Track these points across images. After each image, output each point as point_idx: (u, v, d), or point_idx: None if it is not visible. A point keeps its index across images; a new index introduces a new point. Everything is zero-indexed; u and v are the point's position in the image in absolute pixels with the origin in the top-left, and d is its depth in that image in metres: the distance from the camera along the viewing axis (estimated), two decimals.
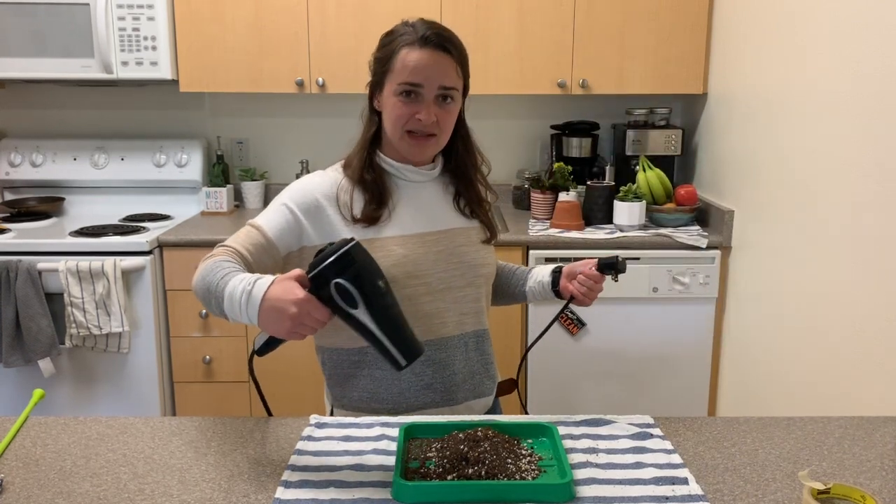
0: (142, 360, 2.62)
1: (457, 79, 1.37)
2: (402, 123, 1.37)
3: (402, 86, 1.34)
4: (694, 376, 2.67)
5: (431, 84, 1.34)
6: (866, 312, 1.79)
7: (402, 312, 1.12)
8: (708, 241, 2.55)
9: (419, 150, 1.40)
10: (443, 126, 1.38)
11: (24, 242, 2.55)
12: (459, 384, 1.44)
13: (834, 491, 0.98)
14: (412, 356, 1.10)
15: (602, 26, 2.76)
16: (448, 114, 1.38)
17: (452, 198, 1.49)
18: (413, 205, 1.43)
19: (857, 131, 1.83)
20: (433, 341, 1.41)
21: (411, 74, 1.33)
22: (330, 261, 1.05)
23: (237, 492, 1.05)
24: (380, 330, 1.08)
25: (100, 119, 3.18)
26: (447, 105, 1.37)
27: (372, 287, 1.07)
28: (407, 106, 1.35)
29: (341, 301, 1.06)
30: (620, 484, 1.07)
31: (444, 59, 1.34)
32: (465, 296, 1.44)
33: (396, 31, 1.38)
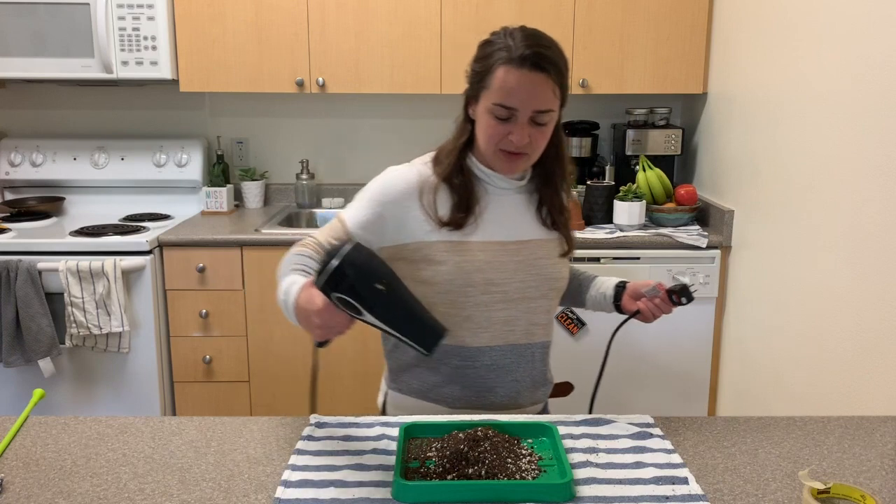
0: (142, 359, 2.62)
1: (553, 100, 1.33)
2: (494, 142, 1.35)
3: (496, 107, 1.32)
4: (694, 376, 2.67)
5: (526, 108, 1.31)
6: (866, 312, 1.79)
7: (412, 304, 1.11)
8: (708, 241, 2.55)
9: (510, 166, 1.38)
10: (535, 146, 1.36)
11: (25, 242, 2.55)
12: (522, 391, 1.45)
13: (834, 491, 0.98)
14: (431, 343, 1.11)
15: (602, 26, 2.76)
16: (542, 134, 1.36)
17: (536, 207, 1.46)
18: (498, 212, 1.42)
19: (857, 131, 1.83)
20: (500, 347, 1.42)
21: (506, 97, 1.31)
22: (324, 278, 1.06)
23: (237, 492, 1.05)
24: (390, 328, 1.10)
25: (100, 119, 3.18)
26: (541, 128, 1.35)
27: (371, 293, 1.07)
28: (501, 126, 1.33)
29: (346, 309, 1.08)
30: (620, 484, 1.07)
31: (540, 81, 1.30)
32: (538, 307, 1.44)
33: (495, 42, 1.34)
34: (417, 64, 2.78)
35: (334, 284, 1.06)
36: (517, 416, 1.31)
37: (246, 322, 2.67)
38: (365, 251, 1.09)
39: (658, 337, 2.64)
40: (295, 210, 3.09)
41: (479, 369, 1.41)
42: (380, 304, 1.08)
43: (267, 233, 2.65)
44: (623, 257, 2.57)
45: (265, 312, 2.67)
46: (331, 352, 2.70)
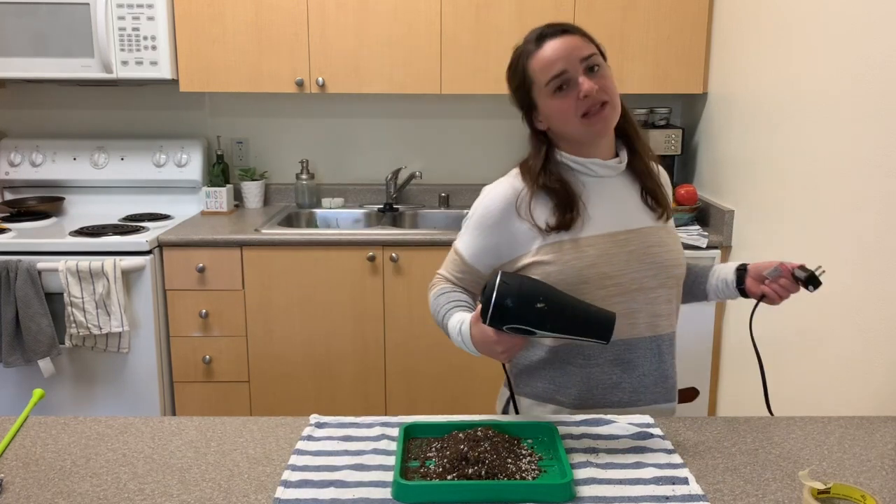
0: (142, 359, 2.62)
1: (590, 47, 1.35)
2: (573, 113, 1.34)
3: (550, 84, 1.34)
4: (694, 376, 2.67)
5: (572, 63, 1.33)
6: (866, 312, 1.79)
7: (575, 307, 1.18)
8: (708, 241, 2.55)
9: (601, 124, 1.35)
10: (607, 90, 1.35)
11: (24, 242, 2.55)
12: (649, 386, 1.41)
13: (834, 491, 0.98)
14: (606, 334, 1.18)
15: (602, 26, 2.76)
16: (604, 78, 1.35)
17: (640, 194, 1.44)
18: (603, 202, 1.40)
19: (857, 131, 1.83)
20: (623, 341, 1.39)
21: (551, 68, 1.33)
22: (490, 317, 1.16)
23: (237, 492, 1.05)
24: (563, 335, 1.19)
25: (100, 119, 3.18)
26: (599, 72, 1.35)
27: (534, 314, 1.15)
28: (567, 97, 1.34)
29: (521, 334, 1.18)
30: (620, 484, 1.07)
31: (569, 39, 1.35)
32: (658, 297, 1.40)
33: (517, 53, 1.40)
34: (417, 64, 2.78)
35: (500, 319, 1.16)
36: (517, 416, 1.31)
37: (246, 322, 2.67)
38: (514, 279, 1.17)
39: None
40: (295, 210, 3.09)
41: (603, 366, 1.39)
42: (546, 321, 1.16)
43: (267, 233, 2.65)
44: None
45: (265, 312, 2.67)
46: (331, 352, 2.70)
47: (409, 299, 2.65)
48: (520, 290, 1.15)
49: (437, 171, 3.22)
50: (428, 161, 3.21)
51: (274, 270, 2.64)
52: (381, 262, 2.63)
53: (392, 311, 2.66)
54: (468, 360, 2.69)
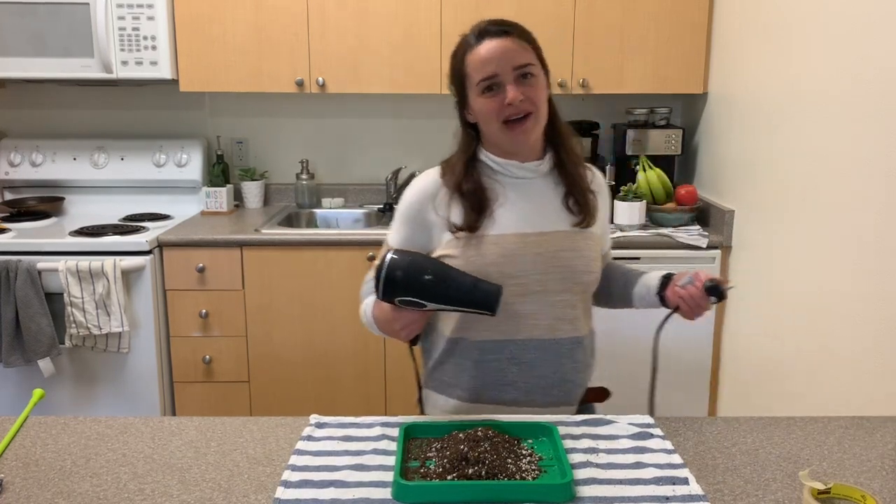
0: (142, 359, 2.62)
1: (526, 54, 1.36)
2: (496, 116, 1.37)
3: (481, 84, 1.36)
4: (694, 376, 2.67)
5: (505, 69, 1.34)
6: (866, 312, 1.79)
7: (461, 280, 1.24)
8: (708, 241, 2.55)
9: (521, 133, 1.37)
10: (534, 101, 1.36)
11: (24, 242, 2.55)
12: (546, 388, 1.42)
13: (834, 491, 0.98)
14: (492, 305, 1.23)
15: (602, 26, 2.76)
16: (535, 89, 1.36)
17: (563, 196, 1.44)
18: (518, 203, 1.41)
19: (857, 131, 1.83)
20: (522, 341, 1.39)
21: (484, 68, 1.35)
22: (381, 290, 1.22)
23: (237, 492, 1.05)
24: (452, 306, 1.24)
25: (100, 119, 3.18)
26: (530, 81, 1.36)
27: (422, 286, 1.21)
28: (494, 99, 1.36)
29: (411, 307, 1.24)
30: (621, 484, 1.07)
31: (507, 43, 1.36)
32: (562, 301, 1.40)
33: (457, 45, 1.43)
34: (417, 64, 2.78)
35: (391, 292, 1.21)
36: (518, 416, 1.31)
37: (246, 322, 2.67)
38: (406, 254, 1.23)
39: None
40: (295, 210, 3.09)
41: (499, 363, 1.40)
42: (434, 293, 1.21)
43: (267, 233, 2.65)
44: (623, 257, 2.57)
45: (265, 312, 2.67)
46: (331, 352, 2.70)
47: None
48: (410, 263, 1.21)
49: None
50: (428, 161, 3.21)
51: (274, 270, 2.64)
52: None
53: None
54: None
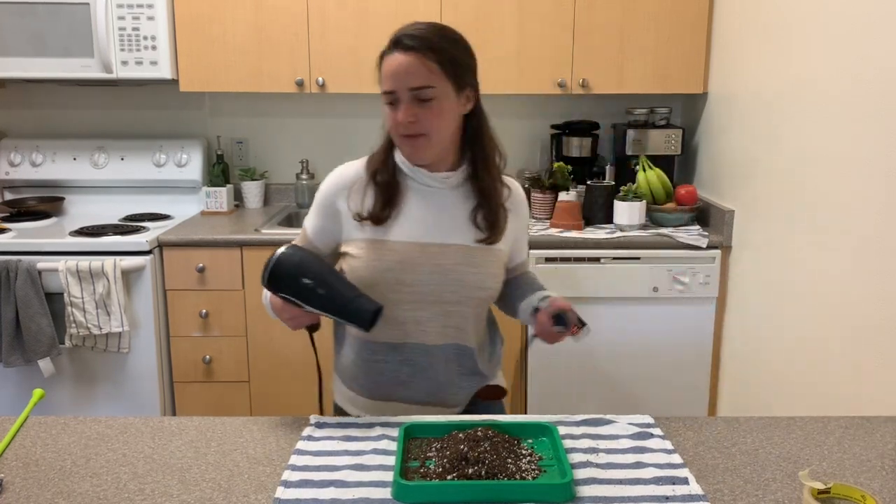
0: (142, 359, 2.62)
1: (428, 76, 1.34)
2: (391, 131, 1.40)
3: (384, 95, 1.37)
4: (694, 376, 2.67)
5: (401, 87, 1.34)
6: (866, 312, 1.79)
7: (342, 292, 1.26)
8: (708, 241, 2.55)
9: (412, 151, 1.39)
10: (428, 125, 1.35)
11: (24, 242, 2.55)
12: (437, 389, 1.47)
13: (834, 491, 0.98)
14: (365, 324, 1.26)
15: (602, 26, 2.76)
16: (430, 112, 1.35)
17: (471, 210, 1.43)
18: (424, 212, 1.42)
19: (857, 131, 1.83)
20: (413, 345, 1.43)
21: (385, 82, 1.36)
22: (265, 283, 1.27)
23: (237, 492, 1.05)
24: (327, 314, 1.28)
25: (100, 119, 3.18)
26: (427, 104, 1.35)
27: (300, 288, 1.25)
28: (392, 112, 1.37)
29: (292, 305, 1.28)
30: (620, 484, 1.07)
31: (410, 61, 1.34)
32: (456, 312, 1.42)
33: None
34: None
35: (274, 286, 1.27)
36: (517, 416, 1.31)
37: (246, 322, 2.67)
38: (296, 253, 1.27)
39: (658, 337, 2.64)
40: (295, 210, 3.09)
41: (390, 364, 1.44)
42: (311, 297, 1.25)
43: (267, 233, 2.65)
44: (623, 257, 2.57)
45: (265, 312, 2.66)
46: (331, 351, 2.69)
47: None
48: (295, 264, 1.25)
49: None
50: None
51: None
52: None
53: None
54: None
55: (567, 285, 2.58)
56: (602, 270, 2.58)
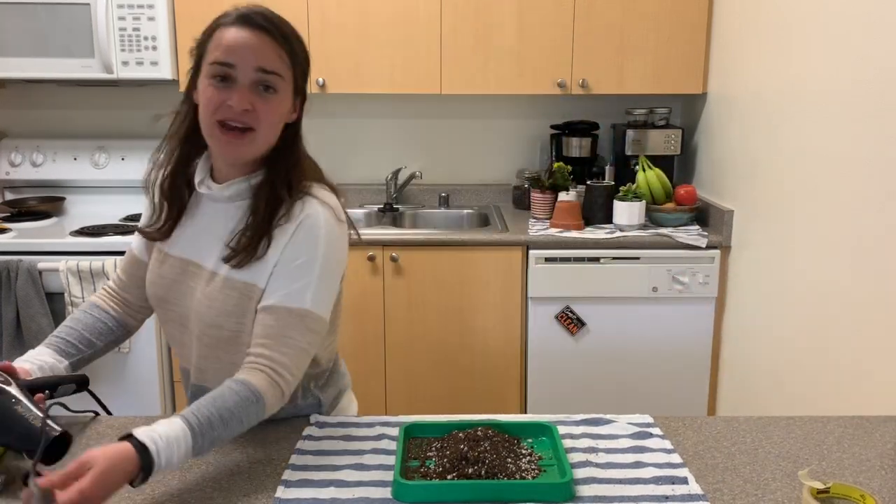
0: (142, 359, 2.62)
1: (280, 64, 1.16)
2: (210, 110, 1.15)
3: (213, 66, 1.15)
4: (694, 376, 2.68)
5: (246, 64, 1.14)
6: (866, 312, 1.79)
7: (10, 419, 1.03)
8: (708, 241, 2.56)
9: (231, 146, 1.16)
10: (262, 118, 1.16)
11: (25, 242, 2.56)
12: None
13: (833, 490, 0.98)
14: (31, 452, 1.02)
15: (602, 26, 2.76)
16: (268, 105, 1.16)
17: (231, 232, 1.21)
18: (197, 224, 1.26)
19: (857, 131, 1.83)
20: (184, 369, 1.35)
21: (224, 53, 1.14)
22: None
23: (237, 491, 1.05)
24: None
25: (100, 119, 3.18)
26: (268, 95, 1.16)
27: None
28: (219, 91, 1.15)
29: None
30: (620, 483, 1.07)
31: (264, 39, 1.16)
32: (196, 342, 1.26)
33: (220, 15, 1.21)
34: (417, 64, 2.78)
35: None
36: (517, 416, 1.31)
37: None
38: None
39: (658, 337, 2.64)
40: None
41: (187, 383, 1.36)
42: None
43: None
44: (623, 257, 2.57)
45: None
46: None
47: (409, 299, 2.65)
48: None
49: (437, 171, 3.22)
50: (428, 161, 3.21)
51: None
52: (381, 262, 2.63)
53: (392, 311, 2.66)
54: (468, 361, 2.69)
55: (567, 285, 2.58)
56: (602, 270, 2.58)
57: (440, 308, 2.64)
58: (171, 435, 0.99)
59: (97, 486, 0.90)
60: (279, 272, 1.18)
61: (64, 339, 1.30)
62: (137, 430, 0.98)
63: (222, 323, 1.20)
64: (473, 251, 2.60)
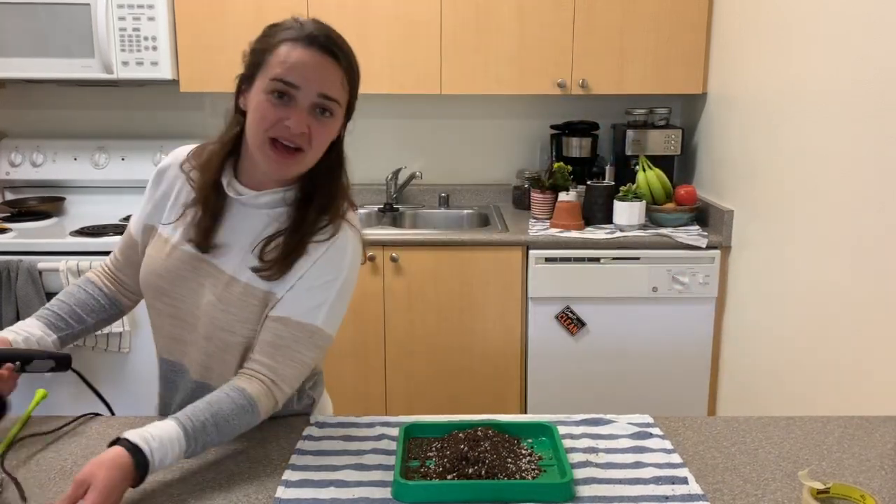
0: (142, 359, 2.62)
1: (341, 91, 1.18)
2: (265, 127, 1.14)
3: (274, 82, 1.13)
4: (694, 376, 2.68)
5: (310, 88, 1.14)
6: (866, 311, 1.79)
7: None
8: (708, 241, 2.56)
9: (280, 165, 1.16)
10: (314, 142, 1.16)
11: (25, 242, 2.56)
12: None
13: (833, 490, 0.98)
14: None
15: (602, 26, 2.76)
16: (324, 128, 1.17)
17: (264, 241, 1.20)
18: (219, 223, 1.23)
19: (857, 131, 1.83)
20: (172, 362, 1.33)
21: (288, 71, 1.13)
22: None
23: (237, 491, 1.05)
24: None
25: (100, 119, 3.18)
26: (324, 119, 1.17)
27: None
28: (276, 108, 1.13)
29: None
30: (620, 483, 1.07)
31: (329, 65, 1.16)
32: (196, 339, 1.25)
33: (283, 24, 1.20)
34: (417, 64, 2.78)
35: None
36: (517, 416, 1.32)
37: None
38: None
39: (658, 337, 2.64)
40: None
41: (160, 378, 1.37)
42: None
43: None
44: (623, 257, 2.57)
45: None
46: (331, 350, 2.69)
47: (409, 299, 2.65)
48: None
49: (437, 171, 3.22)
50: (428, 161, 3.21)
51: None
52: (381, 262, 2.63)
53: (392, 311, 2.66)
54: (468, 361, 2.69)
55: (567, 285, 2.58)
56: (602, 270, 2.58)
57: (440, 308, 2.64)
58: (164, 436, 1.01)
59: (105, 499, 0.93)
60: (300, 286, 1.18)
61: (55, 312, 1.29)
62: (128, 433, 1.00)
63: (237, 329, 1.20)
64: (473, 251, 2.60)
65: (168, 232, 1.27)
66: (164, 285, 1.24)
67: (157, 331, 1.33)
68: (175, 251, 1.24)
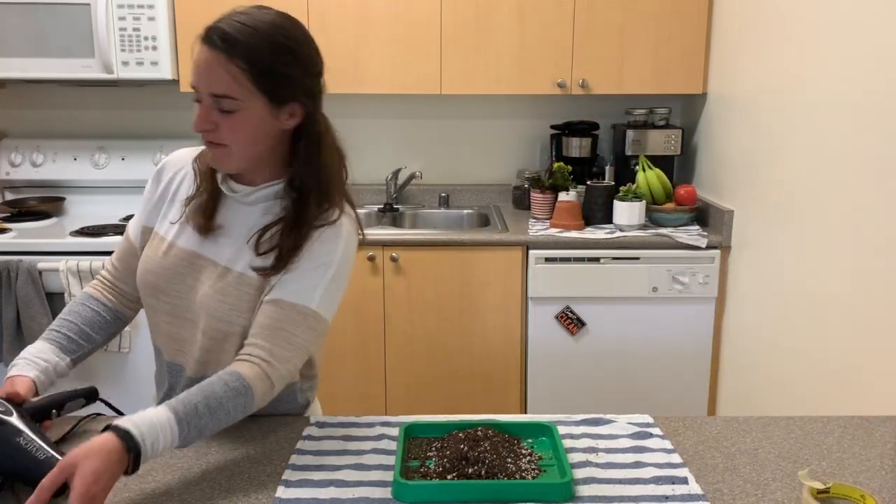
0: (142, 359, 2.62)
1: (232, 85, 1.14)
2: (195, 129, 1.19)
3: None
4: (694, 376, 2.68)
5: (203, 87, 1.17)
6: (866, 312, 1.79)
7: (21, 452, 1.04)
8: (708, 241, 2.56)
9: (214, 161, 1.20)
10: (228, 137, 1.16)
11: (25, 242, 2.56)
12: None
13: (833, 490, 0.98)
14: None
15: (602, 26, 2.76)
16: (234, 122, 1.15)
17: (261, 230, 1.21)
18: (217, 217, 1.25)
19: (857, 131, 1.83)
20: (169, 362, 1.34)
21: (192, 72, 1.18)
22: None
23: (237, 491, 1.05)
24: None
25: (100, 119, 3.18)
26: (228, 116, 1.16)
27: None
28: (197, 108, 1.19)
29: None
30: (620, 483, 1.07)
31: (213, 61, 1.15)
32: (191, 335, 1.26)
33: None
34: (417, 64, 2.78)
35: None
36: (517, 416, 1.32)
37: None
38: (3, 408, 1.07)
39: (658, 337, 2.64)
40: None
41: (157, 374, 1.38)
42: None
43: None
44: (623, 257, 2.58)
45: None
46: (331, 350, 2.70)
47: (409, 299, 2.65)
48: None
49: (437, 171, 3.22)
50: (428, 161, 3.21)
51: None
52: (381, 262, 2.63)
53: (392, 312, 2.66)
54: (468, 361, 2.69)
55: (567, 285, 2.58)
56: (602, 270, 2.58)
57: (440, 308, 2.64)
58: (155, 420, 1.00)
59: (91, 484, 0.90)
60: (294, 269, 1.19)
61: (66, 334, 1.29)
62: (118, 419, 0.99)
63: (234, 319, 1.20)
64: (473, 251, 2.60)
65: (165, 230, 1.28)
66: (161, 283, 1.25)
67: (155, 329, 1.33)
68: (172, 249, 1.25)
